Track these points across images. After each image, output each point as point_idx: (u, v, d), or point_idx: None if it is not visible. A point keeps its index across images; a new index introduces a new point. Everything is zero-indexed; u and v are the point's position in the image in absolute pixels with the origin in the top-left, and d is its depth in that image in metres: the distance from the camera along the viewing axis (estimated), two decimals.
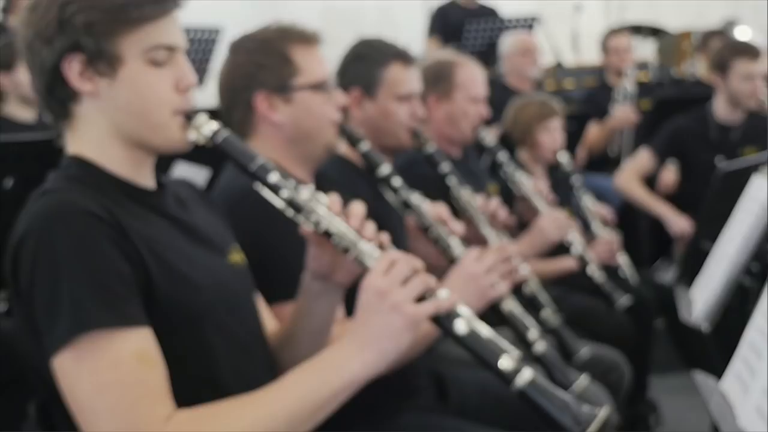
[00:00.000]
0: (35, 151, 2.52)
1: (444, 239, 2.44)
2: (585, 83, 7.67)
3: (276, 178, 1.71)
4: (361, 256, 1.68)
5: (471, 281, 2.32)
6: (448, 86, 3.66)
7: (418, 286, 1.62)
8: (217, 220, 1.96)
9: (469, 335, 1.63)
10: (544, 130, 4.30)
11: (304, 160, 2.46)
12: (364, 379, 1.61)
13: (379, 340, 1.59)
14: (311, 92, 2.41)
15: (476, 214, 2.98)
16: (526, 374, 1.60)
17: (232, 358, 1.75)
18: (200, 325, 1.70)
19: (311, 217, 1.70)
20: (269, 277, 2.12)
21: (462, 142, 3.75)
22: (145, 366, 1.55)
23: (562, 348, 2.92)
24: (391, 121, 3.03)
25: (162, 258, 1.66)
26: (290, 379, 1.62)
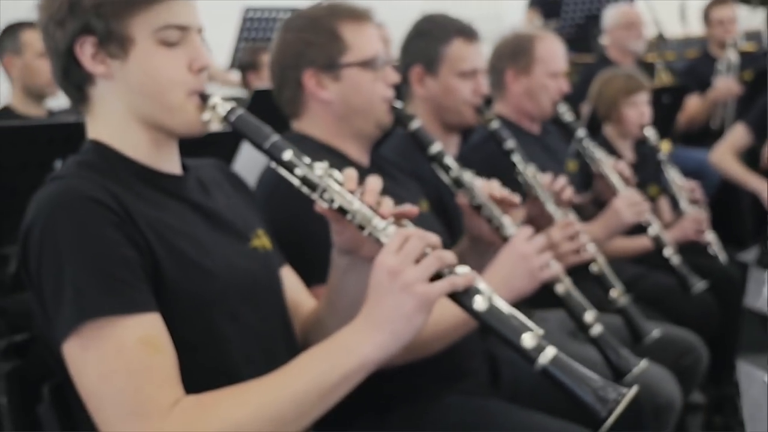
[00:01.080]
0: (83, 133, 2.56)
1: (497, 218, 2.38)
2: (688, 55, 7.41)
3: (290, 156, 1.68)
4: (376, 233, 1.63)
5: (521, 261, 2.26)
6: (528, 60, 3.60)
7: (432, 263, 1.54)
8: (244, 204, 1.94)
9: (488, 312, 1.56)
10: (630, 104, 4.16)
11: (356, 138, 2.44)
12: (377, 361, 1.56)
13: (391, 322, 1.53)
14: (360, 69, 2.38)
15: (542, 193, 2.90)
16: (549, 352, 1.53)
17: (245, 348, 1.73)
18: (211, 313, 1.68)
19: (325, 195, 1.67)
20: (306, 261, 2.11)
21: (540, 117, 3.68)
22: (151, 352, 1.54)
23: (631, 329, 2.82)
24: (453, 98, 2.99)
25: (172, 244, 1.64)
26: (299, 363, 1.59)
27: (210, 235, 1.76)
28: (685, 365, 3.12)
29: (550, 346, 1.54)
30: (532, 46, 3.59)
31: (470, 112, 2.99)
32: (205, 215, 1.78)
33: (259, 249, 1.88)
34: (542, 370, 1.54)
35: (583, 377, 1.53)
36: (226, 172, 1.99)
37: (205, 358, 1.67)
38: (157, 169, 1.76)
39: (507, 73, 3.62)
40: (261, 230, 1.92)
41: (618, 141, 4.26)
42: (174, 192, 1.76)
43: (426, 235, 1.59)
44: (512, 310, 1.58)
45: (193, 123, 1.74)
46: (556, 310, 2.55)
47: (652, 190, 4.31)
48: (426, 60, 3.00)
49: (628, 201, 3.37)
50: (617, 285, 2.85)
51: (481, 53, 3.03)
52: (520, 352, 1.56)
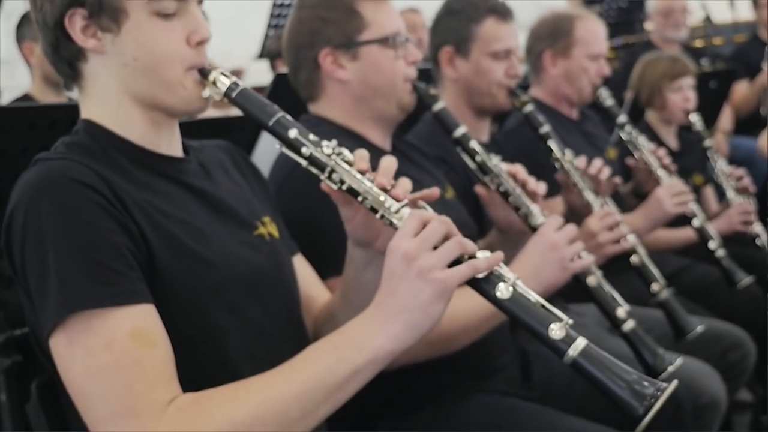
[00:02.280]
0: None
1: (526, 205, 2.23)
2: (737, 41, 7.18)
3: (295, 133, 1.55)
4: (390, 216, 1.49)
5: (550, 251, 2.11)
6: (567, 42, 3.46)
7: (453, 248, 1.41)
8: (252, 189, 1.82)
9: (512, 300, 1.42)
10: (674, 89, 3.99)
11: (377, 120, 2.30)
12: (390, 355, 1.42)
13: (407, 311, 1.39)
14: (379, 47, 2.24)
15: (580, 180, 2.74)
16: (579, 343, 1.39)
17: (247, 343, 1.61)
18: (210, 305, 1.56)
19: (334, 175, 1.53)
20: (321, 252, 1.99)
21: (579, 101, 3.53)
22: (143, 346, 1.42)
23: (673, 324, 2.66)
24: (485, 80, 2.85)
25: (167, 231, 1.53)
26: (304, 357, 1.45)
27: (210, 222, 1.63)
28: (732, 362, 2.96)
29: (581, 337, 1.40)
30: (571, 26, 3.45)
31: (503, 95, 2.85)
32: (206, 201, 1.66)
33: (264, 237, 1.74)
34: (572, 363, 1.39)
35: (617, 370, 1.39)
36: (233, 155, 1.87)
37: (203, 353, 1.55)
38: (153, 150, 1.63)
39: (545, 55, 3.48)
40: (268, 218, 1.79)
41: (661, 128, 4.09)
42: (172, 175, 1.63)
43: (444, 219, 1.45)
44: (539, 299, 1.44)
45: (192, 100, 1.61)
46: (590, 304, 2.40)
47: (696, 179, 4.14)
48: (457, 40, 2.86)
49: (672, 191, 3.20)
50: (659, 278, 2.69)
51: (515, 33, 2.88)
52: (547, 344, 1.41)
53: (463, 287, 1.43)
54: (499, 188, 2.25)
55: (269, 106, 1.58)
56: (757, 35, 6.36)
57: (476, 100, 2.87)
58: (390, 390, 2.03)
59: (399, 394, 2.15)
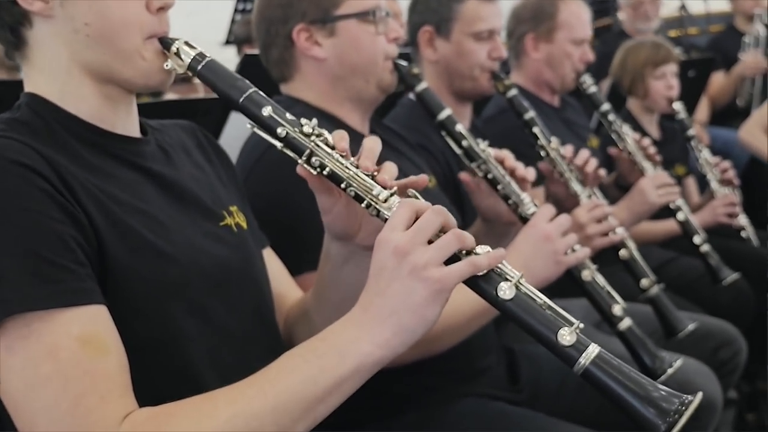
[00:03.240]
0: None
1: (516, 194, 2.08)
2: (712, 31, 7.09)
3: (269, 111, 1.38)
4: (378, 206, 1.33)
5: (543, 244, 1.96)
6: (550, 25, 3.33)
7: (449, 243, 1.24)
8: (218, 175, 1.65)
9: (516, 302, 1.26)
10: (657, 76, 3.86)
11: (355, 102, 2.14)
12: (377, 363, 1.25)
13: (397, 314, 1.22)
14: (358, 22, 2.08)
15: (566, 169, 2.60)
16: (592, 350, 1.23)
17: (212, 348, 1.43)
18: (170, 306, 1.38)
19: (314, 159, 1.36)
20: (294, 244, 1.84)
21: (561, 88, 3.40)
22: (93, 353, 1.24)
23: (663, 322, 2.53)
24: (467, 62, 2.69)
25: (121, 221, 1.35)
26: (279, 367, 1.27)
27: (170, 211, 1.46)
28: (723, 359, 2.84)
29: (593, 344, 1.24)
30: (555, 9, 3.31)
31: (485, 79, 2.70)
32: (166, 187, 1.48)
33: (232, 229, 1.57)
34: (584, 373, 1.24)
35: (635, 381, 1.23)
36: (197, 136, 1.69)
37: (161, 360, 1.37)
38: (106, 129, 1.45)
39: (526, 39, 3.34)
40: (235, 207, 1.62)
41: (643, 116, 3.97)
42: (127, 158, 1.46)
43: (442, 210, 1.28)
44: (545, 299, 1.28)
45: (151, 72, 1.43)
46: (579, 299, 2.25)
47: (678, 169, 4.02)
48: (437, 20, 2.71)
49: (656, 182, 3.06)
50: (649, 273, 2.55)
51: (499, 12, 2.74)
52: (556, 351, 1.25)
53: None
54: (487, 175, 2.09)
55: (240, 81, 1.41)
56: (733, 25, 6.27)
57: (457, 83, 2.72)
58: (370, 394, 1.85)
59: (380, 398, 1.99)
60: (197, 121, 1.82)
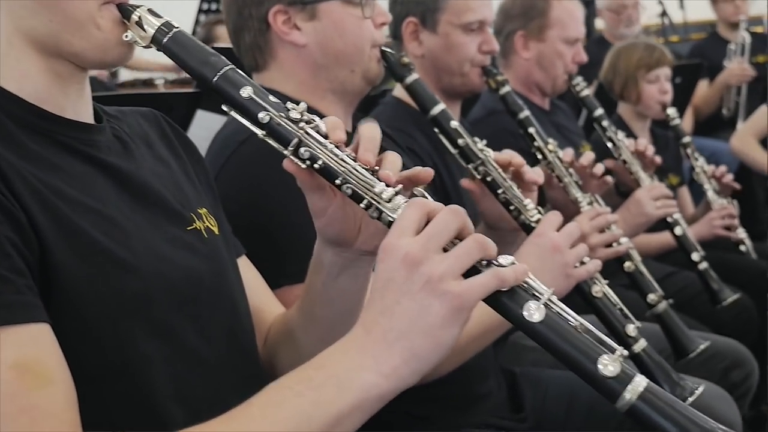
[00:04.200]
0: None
1: (519, 199, 1.85)
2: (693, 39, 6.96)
3: (250, 92, 1.15)
4: (381, 206, 1.11)
5: (551, 255, 1.75)
6: (541, 23, 3.15)
7: (469, 251, 1.04)
8: (184, 171, 1.42)
9: (547, 324, 1.05)
10: (650, 80, 3.66)
11: (337, 94, 1.92)
12: (383, 397, 1.04)
13: (408, 337, 1.02)
14: (342, 4, 1.87)
15: (566, 174, 2.38)
16: (639, 383, 1.03)
17: (176, 374, 1.20)
18: (127, 325, 1.15)
19: (303, 150, 1.13)
20: (274, 252, 1.62)
21: (551, 89, 3.21)
22: (32, 384, 1.01)
23: (672, 340, 2.32)
24: (455, 56, 2.49)
25: (69, 221, 1.13)
26: (265, 401, 1.05)
27: (129, 212, 1.23)
28: (735, 381, 2.64)
29: (639, 375, 1.03)
30: (547, 6, 3.13)
31: (476, 74, 2.49)
32: (124, 183, 1.25)
33: (202, 234, 1.34)
34: (629, 410, 1.03)
35: (692, 421, 1.03)
36: (161, 126, 1.46)
37: (117, 391, 1.14)
38: (53, 113, 1.22)
39: (516, 37, 3.14)
40: (205, 209, 1.38)
41: (634, 122, 3.78)
42: (78, 147, 1.22)
43: (458, 210, 1.06)
44: (581, 320, 1.06)
45: (108, 44, 1.21)
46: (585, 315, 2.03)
47: (671, 179, 3.83)
48: (422, 10, 2.50)
49: (654, 193, 2.87)
50: (656, 287, 2.34)
51: (489, 2, 2.55)
52: (595, 383, 1.04)
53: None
54: (486, 178, 1.87)
55: (214, 57, 1.20)
56: (716, 32, 6.12)
57: (445, 79, 2.50)
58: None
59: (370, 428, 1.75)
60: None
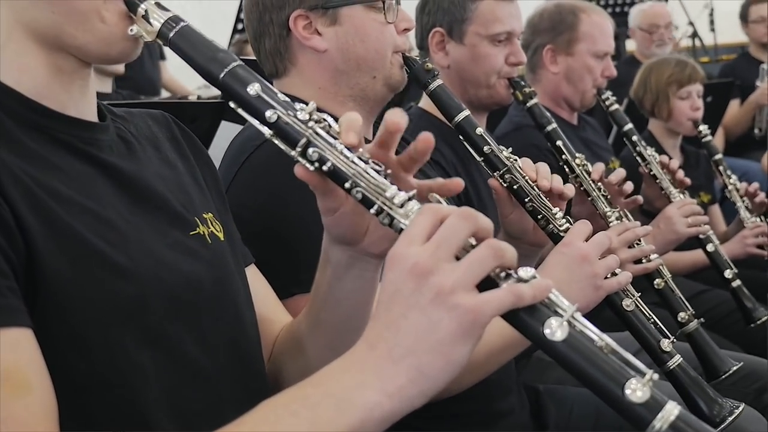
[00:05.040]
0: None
1: (547, 207, 1.80)
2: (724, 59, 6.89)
3: (257, 90, 1.10)
4: (393, 212, 1.04)
5: (579, 266, 1.67)
6: (570, 37, 3.10)
7: (483, 260, 0.95)
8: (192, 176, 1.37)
9: (570, 344, 0.97)
10: (681, 96, 3.59)
11: (358, 100, 1.87)
12: (387, 419, 0.96)
13: (414, 353, 0.94)
14: (364, 9, 1.82)
15: (593, 186, 2.32)
16: (670, 410, 0.94)
17: (171, 387, 1.14)
18: (120, 332, 1.10)
19: (312, 151, 1.08)
20: (284, 263, 1.57)
21: (580, 104, 3.15)
22: (9, 392, 0.96)
23: (703, 360, 2.24)
24: (482, 67, 2.44)
25: (61, 221, 1.08)
26: (258, 419, 0.98)
27: (128, 214, 1.18)
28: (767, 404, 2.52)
29: (671, 401, 0.95)
30: (576, 20, 3.08)
31: (503, 86, 2.44)
32: (124, 185, 1.21)
33: (205, 239, 1.29)
34: None
35: None
36: (171, 129, 1.41)
37: (106, 403, 1.08)
38: (54, 109, 1.18)
39: (544, 52, 3.10)
40: (211, 215, 1.33)
41: (665, 139, 3.71)
42: (77, 146, 1.18)
43: (472, 214, 0.98)
44: (607, 339, 0.98)
45: (113, 38, 1.17)
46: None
47: (703, 197, 3.75)
48: (449, 21, 2.46)
49: (684, 210, 2.79)
50: (687, 305, 2.27)
51: (518, 14, 2.50)
52: (622, 410, 0.95)
53: None
54: (513, 186, 1.81)
55: (222, 53, 1.15)
56: (747, 52, 6.05)
57: (471, 91, 2.45)
58: None
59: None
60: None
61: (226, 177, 1.68)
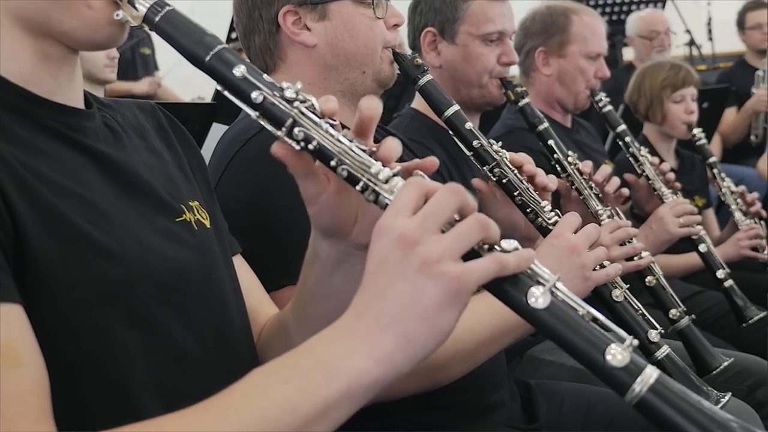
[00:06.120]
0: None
1: (536, 201, 1.81)
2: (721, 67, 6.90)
3: (243, 71, 1.11)
4: (378, 187, 1.05)
5: (568, 257, 1.68)
6: (562, 39, 3.10)
7: (469, 231, 0.98)
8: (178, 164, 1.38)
9: (552, 312, 0.99)
10: (675, 100, 3.60)
11: (348, 96, 1.88)
12: (375, 384, 0.97)
13: (403, 321, 0.96)
14: (354, 4, 1.83)
15: (585, 187, 2.34)
16: (650, 375, 0.96)
17: (156, 368, 1.15)
18: (106, 313, 1.11)
19: (297, 131, 1.08)
20: (273, 255, 1.57)
21: (573, 106, 3.15)
22: (5, 364, 0.96)
23: (694, 356, 2.25)
24: (474, 67, 2.45)
25: (49, 203, 1.09)
26: (247, 387, 0.99)
27: (114, 199, 1.18)
28: (761, 400, 2.55)
29: (650, 366, 0.96)
30: (567, 21, 3.08)
31: (495, 86, 2.45)
32: (110, 171, 1.21)
33: (191, 226, 1.29)
34: (638, 403, 0.96)
35: (709, 416, 0.95)
36: (158, 119, 1.42)
37: (92, 383, 1.09)
38: (41, 95, 1.18)
39: (536, 54, 3.10)
40: (197, 203, 1.34)
41: (660, 143, 3.72)
42: (64, 132, 1.18)
43: (458, 189, 1.00)
44: (588, 308, 1.00)
45: (99, 24, 1.17)
46: None
47: (697, 201, 3.75)
48: (441, 20, 2.47)
49: (676, 210, 2.80)
50: (678, 302, 2.28)
51: (510, 13, 2.51)
52: (603, 375, 0.97)
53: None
54: (502, 180, 1.82)
55: (208, 37, 1.14)
56: (744, 60, 6.07)
57: (463, 91, 2.46)
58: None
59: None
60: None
61: (216, 171, 1.69)
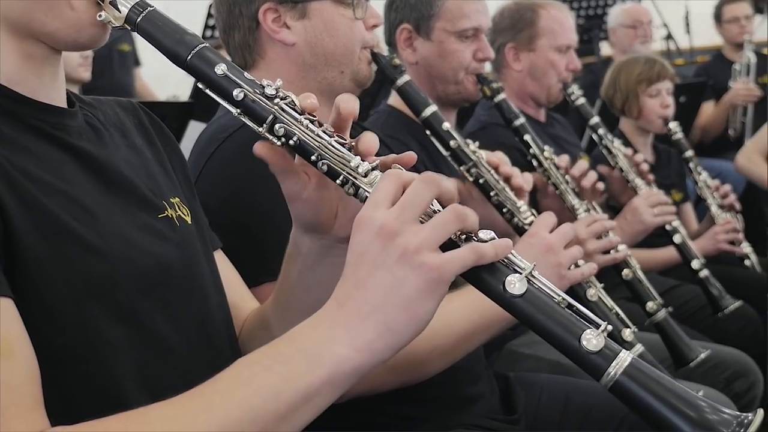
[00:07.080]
0: None
1: (512, 200, 1.83)
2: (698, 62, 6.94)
3: (224, 70, 1.13)
4: (358, 181, 1.09)
5: (544, 255, 1.72)
6: (531, 33, 3.09)
7: (447, 222, 1.01)
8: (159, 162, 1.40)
9: (529, 299, 1.02)
10: (651, 94, 3.62)
11: (325, 94, 1.87)
12: (356, 371, 1.00)
13: (383, 310, 1.00)
14: (333, 4, 1.85)
15: (562, 181, 2.36)
16: (624, 358, 0.99)
17: (141, 362, 1.17)
18: (92, 308, 1.12)
19: (278, 127, 1.11)
20: (253, 251, 1.59)
21: (546, 100, 3.15)
22: None
23: (672, 348, 2.28)
24: (450, 63, 2.45)
25: (35, 200, 1.10)
26: (232, 375, 1.02)
27: (98, 196, 1.20)
28: (738, 392, 2.59)
29: (624, 350, 1.00)
30: (535, 15, 3.08)
31: (471, 82, 2.46)
32: (93, 169, 1.23)
33: (173, 222, 1.31)
34: (613, 386, 0.99)
35: (683, 398, 0.98)
36: (138, 116, 1.44)
37: (80, 375, 1.10)
38: (25, 95, 1.20)
39: (506, 50, 3.10)
40: (177, 199, 1.36)
41: (636, 138, 3.73)
42: (47, 130, 1.20)
43: (435, 178, 1.03)
44: (564, 296, 1.04)
45: (81, 25, 1.19)
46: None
47: (674, 195, 3.78)
48: (416, 17, 2.47)
49: (651, 201, 2.83)
50: (655, 295, 2.31)
51: (485, 9, 2.52)
52: (579, 359, 1.01)
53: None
54: (478, 180, 1.84)
55: (189, 36, 1.17)
56: (721, 54, 6.09)
57: (440, 87, 2.47)
58: (346, 426, 1.66)
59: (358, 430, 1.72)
60: None
61: (194, 168, 1.70)
